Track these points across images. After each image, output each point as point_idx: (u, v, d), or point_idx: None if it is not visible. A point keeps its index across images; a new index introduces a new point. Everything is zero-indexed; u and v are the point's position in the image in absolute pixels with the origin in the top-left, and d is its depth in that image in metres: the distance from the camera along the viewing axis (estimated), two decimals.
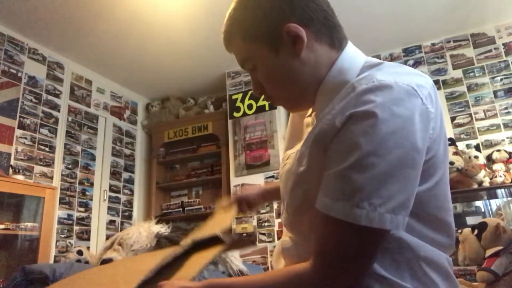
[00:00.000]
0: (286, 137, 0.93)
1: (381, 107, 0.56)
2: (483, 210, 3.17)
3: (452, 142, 3.09)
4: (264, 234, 3.39)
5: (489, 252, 1.91)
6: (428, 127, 0.60)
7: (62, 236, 3.24)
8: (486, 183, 2.95)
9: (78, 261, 2.76)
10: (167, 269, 0.77)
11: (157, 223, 1.71)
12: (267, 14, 0.68)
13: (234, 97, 3.88)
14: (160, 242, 1.53)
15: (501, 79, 3.34)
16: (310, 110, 0.78)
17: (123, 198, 3.94)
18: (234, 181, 3.64)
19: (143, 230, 1.55)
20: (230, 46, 0.75)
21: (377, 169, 0.55)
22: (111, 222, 3.74)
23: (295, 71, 0.69)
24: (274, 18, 0.67)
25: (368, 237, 0.58)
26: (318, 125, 0.64)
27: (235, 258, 1.63)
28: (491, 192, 3.09)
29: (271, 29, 0.68)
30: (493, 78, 3.37)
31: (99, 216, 3.62)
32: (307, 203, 0.65)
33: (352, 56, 0.71)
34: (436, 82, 3.56)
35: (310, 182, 0.65)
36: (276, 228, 3.37)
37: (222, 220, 1.01)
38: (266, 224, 3.41)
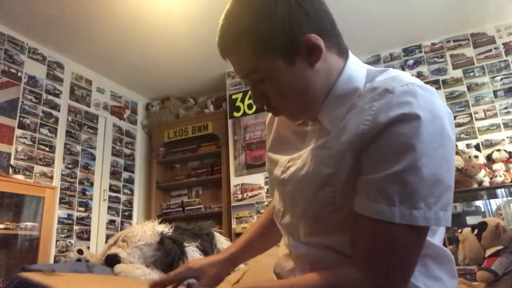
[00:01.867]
0: (270, 142, 0.86)
1: (423, 109, 0.59)
2: (483, 210, 3.17)
3: None
4: None
5: (489, 251, 1.91)
6: (453, 124, 0.63)
7: (62, 236, 3.24)
8: (486, 183, 2.95)
9: (79, 260, 2.76)
10: None
11: (160, 223, 1.71)
12: (286, 24, 0.64)
13: (234, 96, 3.88)
14: (164, 241, 1.53)
15: (501, 79, 3.35)
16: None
17: (123, 198, 3.94)
18: (234, 180, 3.64)
19: (148, 229, 1.55)
20: (232, 55, 0.69)
21: (429, 169, 0.57)
22: (111, 222, 3.74)
23: (309, 82, 0.67)
24: (293, 29, 0.64)
25: (419, 236, 0.60)
26: (352, 127, 0.64)
27: None
28: (491, 192, 3.09)
29: (290, 40, 0.64)
30: (493, 78, 3.37)
31: (99, 216, 3.62)
32: (331, 206, 0.66)
33: (357, 64, 0.72)
34: (436, 82, 3.56)
35: (335, 184, 0.65)
36: None
37: None
38: None
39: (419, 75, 3.62)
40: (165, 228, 1.61)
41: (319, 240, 0.69)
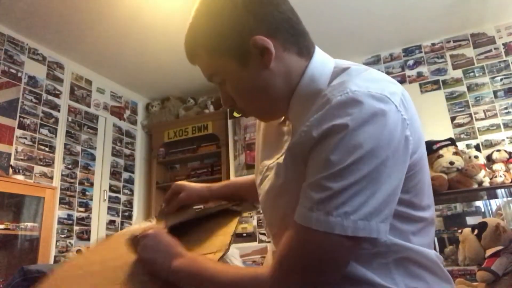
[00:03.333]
0: (257, 145, 0.88)
1: (357, 120, 0.56)
2: (483, 210, 3.17)
3: (452, 142, 3.08)
4: (264, 234, 3.39)
5: (489, 252, 1.91)
6: (403, 134, 0.60)
7: (62, 236, 3.24)
8: (486, 183, 2.94)
9: None
10: (182, 236, 0.79)
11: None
12: (232, 27, 0.66)
13: None
14: None
15: (501, 79, 3.34)
16: (282, 118, 0.77)
17: (123, 198, 3.94)
18: None
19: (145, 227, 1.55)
20: (195, 60, 0.75)
21: (351, 178, 0.56)
22: (111, 222, 3.74)
23: (266, 82, 0.68)
24: (239, 31, 0.66)
25: (339, 246, 0.57)
26: (294, 137, 0.65)
27: (235, 258, 1.62)
28: (491, 192, 3.09)
29: (237, 43, 0.66)
30: (493, 78, 3.37)
31: (99, 216, 3.62)
32: (290, 216, 0.65)
33: (322, 63, 0.70)
34: (436, 82, 3.56)
35: (289, 194, 0.65)
36: None
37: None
38: None
39: (419, 76, 3.63)
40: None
41: None
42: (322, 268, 0.59)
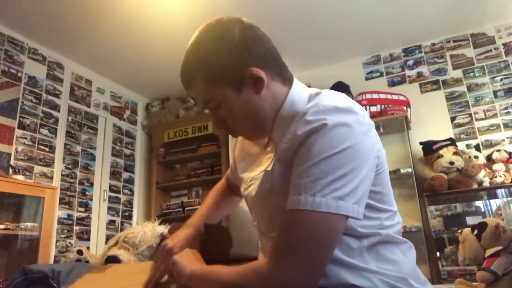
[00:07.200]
0: (236, 160, 1.00)
1: (332, 122, 0.69)
2: (483, 210, 3.17)
3: (452, 142, 3.09)
4: None
5: (489, 252, 1.91)
6: (368, 135, 0.72)
7: (62, 236, 3.24)
8: (486, 183, 2.95)
9: (78, 260, 2.75)
10: None
11: (160, 223, 1.71)
12: (231, 59, 0.77)
13: None
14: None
15: (501, 79, 3.35)
16: (266, 139, 0.88)
17: (123, 198, 3.94)
18: None
19: (148, 230, 1.55)
20: (191, 87, 0.83)
21: (327, 166, 0.67)
22: (111, 222, 3.74)
23: (257, 106, 0.80)
24: (237, 63, 0.77)
25: (324, 222, 0.66)
26: (279, 148, 0.77)
27: None
28: (491, 192, 3.09)
29: (235, 72, 0.78)
30: (493, 78, 3.37)
31: (99, 216, 3.62)
32: (276, 216, 0.75)
33: (299, 90, 0.84)
34: (436, 82, 3.56)
35: (276, 198, 0.75)
36: None
37: None
38: None
39: (419, 76, 3.63)
40: (165, 229, 1.60)
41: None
42: (313, 246, 0.65)
